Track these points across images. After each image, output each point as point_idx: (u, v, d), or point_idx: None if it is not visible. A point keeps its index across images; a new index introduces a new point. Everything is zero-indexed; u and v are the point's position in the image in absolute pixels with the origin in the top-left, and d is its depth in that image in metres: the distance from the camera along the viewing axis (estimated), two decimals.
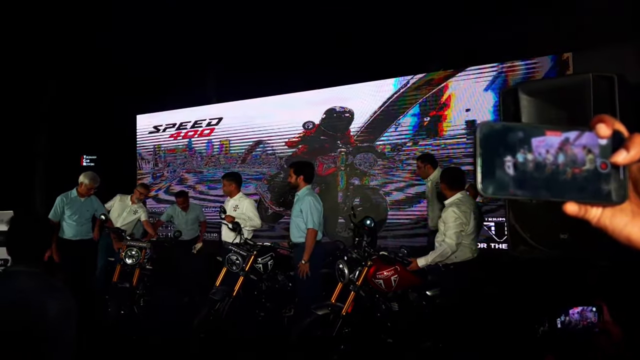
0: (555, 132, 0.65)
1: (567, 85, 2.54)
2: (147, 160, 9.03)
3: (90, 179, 5.95)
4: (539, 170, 0.64)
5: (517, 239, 2.59)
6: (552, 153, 0.64)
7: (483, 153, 0.64)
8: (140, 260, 5.52)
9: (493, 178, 0.64)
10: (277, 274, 5.58)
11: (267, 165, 7.75)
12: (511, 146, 0.64)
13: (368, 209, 6.53)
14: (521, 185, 0.65)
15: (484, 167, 0.64)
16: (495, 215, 6.02)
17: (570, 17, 6.28)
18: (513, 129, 0.65)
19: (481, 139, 0.65)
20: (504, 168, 0.64)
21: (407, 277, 4.24)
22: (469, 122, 6.26)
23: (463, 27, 6.70)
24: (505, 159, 0.64)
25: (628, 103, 2.25)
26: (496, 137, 0.65)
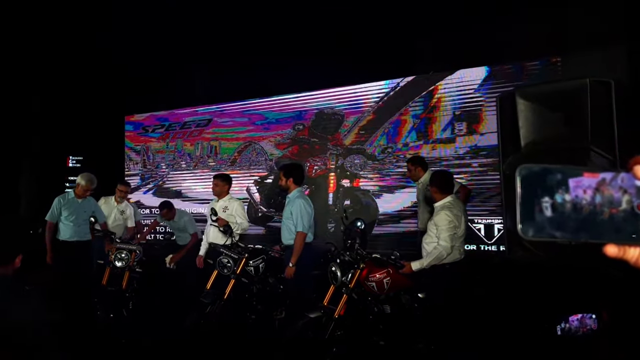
0: (592, 173, 0.66)
1: (564, 89, 2.57)
2: (136, 161, 8.95)
3: (87, 181, 5.92)
4: (576, 211, 0.65)
5: (515, 243, 2.62)
6: (589, 194, 0.65)
7: (522, 195, 0.65)
8: (130, 263, 5.47)
9: (532, 220, 0.65)
10: (268, 276, 5.56)
11: (257, 167, 7.73)
12: (549, 188, 0.65)
13: (358, 211, 6.54)
14: (560, 227, 0.66)
15: (523, 209, 0.65)
16: (484, 217, 6.07)
17: (560, 20, 6.35)
18: (551, 171, 0.66)
19: (521, 181, 0.66)
20: (542, 210, 0.65)
21: (399, 280, 4.26)
22: (458, 124, 6.29)
23: (453, 30, 6.74)
24: (543, 199, 0.65)
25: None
26: (535, 179, 0.66)
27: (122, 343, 5.20)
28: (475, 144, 6.17)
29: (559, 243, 2.48)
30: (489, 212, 6.04)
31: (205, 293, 5.00)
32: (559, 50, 6.11)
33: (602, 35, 6.65)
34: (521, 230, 0.66)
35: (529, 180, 0.66)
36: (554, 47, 6.28)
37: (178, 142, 8.50)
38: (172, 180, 8.55)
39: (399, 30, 6.98)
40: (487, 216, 6.04)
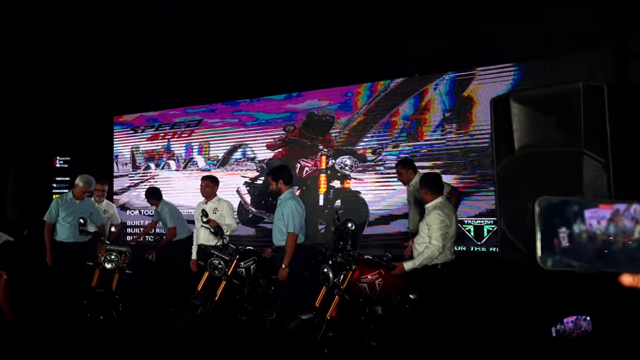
0: (607, 205, 0.68)
1: (557, 94, 2.61)
2: (125, 162, 8.89)
3: (85, 182, 5.89)
4: (591, 241, 0.67)
5: (508, 245, 2.65)
6: (603, 224, 0.67)
7: (542, 226, 0.67)
8: (119, 265, 5.43)
9: (551, 250, 0.67)
10: (259, 277, 5.55)
11: (248, 168, 7.71)
12: (567, 219, 0.67)
13: (349, 212, 6.54)
14: (577, 257, 0.68)
15: (543, 239, 0.67)
16: (473, 218, 6.11)
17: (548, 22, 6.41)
18: (569, 203, 0.68)
19: (539, 213, 0.68)
20: (560, 240, 0.67)
21: (390, 281, 4.27)
22: (448, 125, 6.33)
23: (442, 32, 6.78)
24: (560, 230, 0.67)
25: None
26: (553, 210, 0.67)
27: (112, 345, 5.17)
28: (464, 145, 6.21)
29: None
30: (479, 213, 6.08)
31: (196, 294, 4.99)
32: (547, 52, 6.16)
33: (590, 37, 6.72)
34: (540, 260, 0.68)
35: (548, 212, 0.68)
36: (542, 49, 6.33)
37: (167, 143, 8.46)
38: (162, 181, 8.50)
39: (390, 32, 7.01)
40: (477, 217, 6.08)
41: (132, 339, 5.28)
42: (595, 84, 2.42)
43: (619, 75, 6.74)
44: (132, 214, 8.72)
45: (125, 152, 8.90)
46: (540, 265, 0.69)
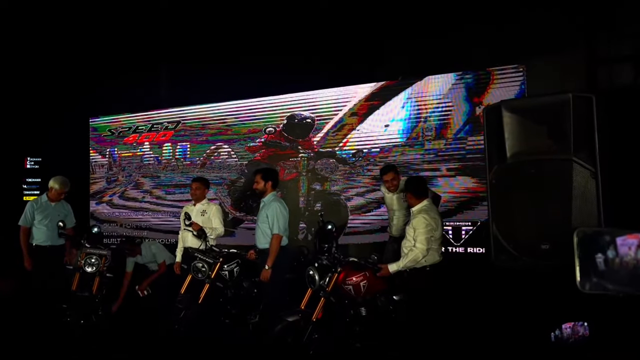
0: (634, 234, 0.76)
1: (548, 103, 2.72)
2: (101, 164, 8.77)
3: (60, 183, 5.81)
4: (623, 266, 0.75)
5: (499, 248, 2.74)
6: (633, 250, 0.75)
7: (580, 255, 0.75)
8: (100, 268, 5.38)
9: (589, 275, 0.75)
10: (242, 280, 5.57)
11: (228, 170, 7.70)
12: (601, 246, 0.75)
13: (330, 214, 6.59)
14: (611, 280, 0.75)
15: (581, 266, 0.75)
16: (452, 220, 6.23)
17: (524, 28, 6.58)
18: (602, 233, 0.76)
19: (578, 242, 0.76)
20: (596, 266, 0.75)
21: (375, 283, 4.35)
22: (427, 129, 6.44)
23: (421, 37, 6.90)
24: (597, 256, 0.75)
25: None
26: (589, 240, 0.75)
27: (93, 349, 5.11)
28: (443, 149, 6.34)
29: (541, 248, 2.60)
30: (457, 215, 6.20)
31: (179, 298, 4.98)
32: (524, 58, 6.33)
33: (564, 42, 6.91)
34: (579, 284, 0.76)
35: (585, 242, 0.76)
36: (519, 55, 6.50)
37: (145, 145, 8.38)
38: (140, 183, 8.42)
39: (371, 36, 7.10)
40: (455, 219, 6.21)
41: (111, 344, 5.24)
42: (584, 95, 2.54)
43: (589, 82, 6.97)
44: (109, 216, 8.61)
45: (102, 154, 8.78)
46: (580, 289, 0.76)
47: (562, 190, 2.62)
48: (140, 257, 6.35)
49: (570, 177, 2.58)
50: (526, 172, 2.76)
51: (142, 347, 4.94)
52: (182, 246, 5.62)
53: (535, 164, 2.74)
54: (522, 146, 2.77)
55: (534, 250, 2.67)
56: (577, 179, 2.57)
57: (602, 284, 0.68)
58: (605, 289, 0.67)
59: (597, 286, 0.68)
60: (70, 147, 9.43)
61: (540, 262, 2.68)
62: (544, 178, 2.71)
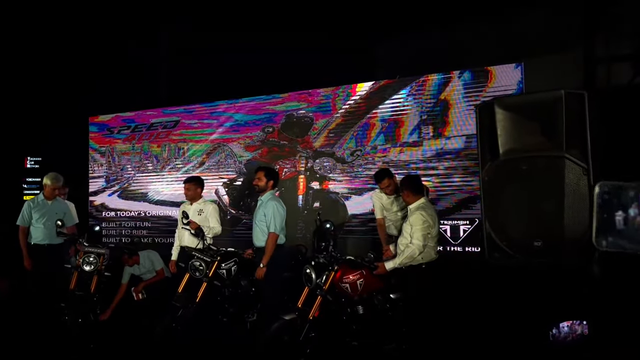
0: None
1: (540, 100, 2.72)
2: (100, 163, 8.78)
3: (52, 179, 5.79)
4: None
5: (493, 246, 2.75)
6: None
7: (599, 209, 0.72)
8: (98, 267, 5.39)
9: (606, 233, 0.72)
10: (240, 279, 5.57)
11: (226, 169, 7.70)
12: (623, 203, 0.72)
13: (328, 213, 6.61)
14: (630, 239, 0.72)
15: (599, 222, 0.72)
16: (450, 218, 6.24)
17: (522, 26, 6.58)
18: (625, 188, 0.73)
19: (598, 195, 0.72)
20: (615, 223, 0.72)
21: (372, 281, 4.36)
22: (424, 127, 6.45)
23: (419, 35, 6.91)
24: (617, 213, 0.72)
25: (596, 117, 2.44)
26: (611, 194, 0.72)
27: (91, 348, 5.13)
28: (441, 148, 6.34)
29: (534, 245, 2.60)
30: (454, 214, 6.21)
31: (177, 296, 4.98)
32: (521, 55, 6.34)
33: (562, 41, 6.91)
34: (595, 241, 0.73)
35: (606, 196, 0.72)
36: (516, 53, 6.50)
37: (144, 144, 8.39)
38: (139, 182, 8.43)
39: (368, 34, 7.11)
40: (453, 218, 6.22)
41: (110, 343, 5.26)
42: (576, 91, 2.55)
43: (587, 81, 6.98)
44: (108, 215, 8.62)
45: (101, 153, 8.79)
46: (595, 247, 0.73)
47: (555, 187, 2.63)
48: (137, 268, 6.37)
49: (563, 174, 2.58)
50: (519, 169, 2.77)
51: (139, 345, 4.94)
52: (179, 244, 5.63)
53: (527, 160, 2.74)
54: (514, 143, 2.78)
55: (527, 248, 2.68)
56: (569, 175, 2.57)
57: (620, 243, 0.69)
58: (623, 247, 0.68)
59: (615, 244, 0.69)
60: (69, 146, 9.44)
61: (533, 260, 2.68)
62: (536, 175, 2.71)
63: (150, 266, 6.41)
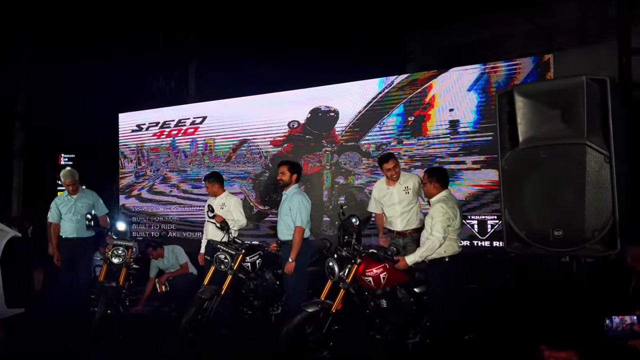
0: None
1: (561, 87, 2.65)
2: (130, 159, 8.94)
3: (64, 175, 5.92)
4: None
5: (512, 236, 2.68)
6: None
7: None
8: (126, 260, 5.49)
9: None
10: (264, 272, 5.61)
11: (252, 164, 7.75)
12: None
13: (353, 208, 6.59)
14: None
15: None
16: (477, 213, 6.14)
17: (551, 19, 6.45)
18: None
19: None
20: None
21: (395, 275, 4.32)
22: (452, 121, 6.36)
23: (446, 28, 6.82)
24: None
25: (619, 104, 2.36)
26: None
27: (119, 339, 5.23)
28: (468, 142, 6.24)
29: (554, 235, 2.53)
30: (482, 209, 6.11)
31: (202, 289, 5.04)
32: (550, 49, 6.20)
33: (592, 34, 6.74)
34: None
35: None
36: (545, 46, 6.36)
37: (173, 140, 8.51)
38: (167, 177, 8.55)
39: (395, 28, 7.06)
40: (480, 213, 6.12)
41: (138, 334, 5.36)
42: (598, 77, 2.47)
43: (621, 72, 6.78)
44: (138, 210, 8.78)
45: (131, 149, 8.94)
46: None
47: (575, 175, 2.54)
48: (162, 261, 6.47)
49: (584, 161, 2.50)
50: (539, 157, 2.68)
51: (165, 336, 5.02)
52: (207, 238, 5.70)
53: (548, 148, 2.66)
54: (534, 131, 2.69)
55: (547, 237, 2.60)
56: (590, 163, 2.49)
57: None
58: None
59: None
60: (101, 142, 9.67)
61: (552, 250, 2.61)
62: (556, 163, 2.62)
63: (175, 260, 6.51)
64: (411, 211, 5.00)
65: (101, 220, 5.91)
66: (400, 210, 5.03)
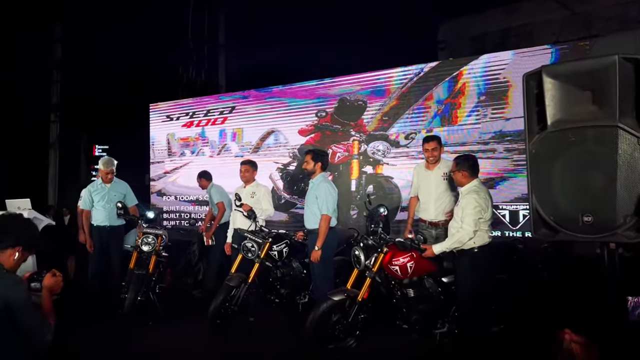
0: None
1: (592, 67, 2.52)
2: (161, 149, 9.06)
3: (102, 164, 6.00)
4: None
5: (540, 222, 2.59)
6: None
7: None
8: (156, 248, 5.56)
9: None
10: (291, 261, 5.61)
11: (280, 154, 7.75)
12: None
13: (381, 197, 6.52)
14: None
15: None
16: (509, 204, 6.01)
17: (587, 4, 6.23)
18: None
19: None
20: None
21: (423, 264, 4.25)
22: (483, 108, 6.23)
23: (479, 15, 6.66)
24: None
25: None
26: None
27: (149, 325, 5.31)
28: (500, 130, 6.10)
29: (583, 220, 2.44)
30: (514, 198, 5.97)
31: (230, 276, 5.07)
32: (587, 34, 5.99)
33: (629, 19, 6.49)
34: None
35: None
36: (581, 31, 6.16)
37: (202, 130, 8.58)
38: (197, 167, 8.63)
39: (426, 16, 6.93)
40: (512, 202, 5.98)
41: (167, 321, 5.43)
42: (631, 56, 2.35)
43: None
44: (168, 200, 8.90)
45: (161, 140, 9.06)
46: None
47: (607, 159, 2.42)
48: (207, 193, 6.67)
49: (616, 144, 2.37)
50: (568, 141, 2.56)
51: (193, 324, 5.07)
52: (233, 227, 5.72)
53: (577, 131, 2.54)
54: (564, 113, 2.57)
55: (576, 223, 2.50)
56: (622, 146, 2.36)
57: None
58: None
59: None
60: (132, 133, 9.83)
61: (581, 236, 2.50)
62: (587, 146, 2.49)
63: (210, 196, 6.61)
64: (446, 199, 4.86)
65: (131, 210, 5.99)
66: (435, 195, 4.90)
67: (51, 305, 2.46)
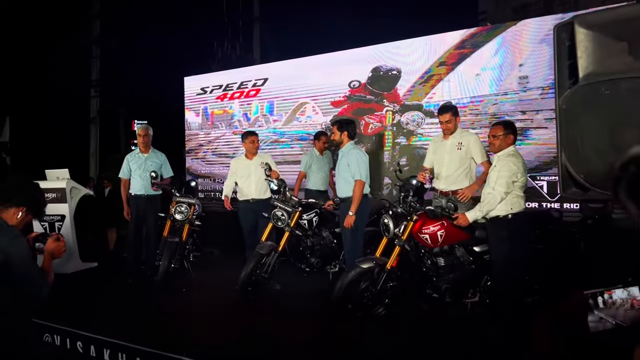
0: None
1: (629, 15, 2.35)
2: (195, 122, 9.13)
3: (139, 129, 6.14)
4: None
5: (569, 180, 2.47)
6: None
7: None
8: (189, 217, 5.63)
9: None
10: (322, 230, 5.60)
11: (312, 126, 7.70)
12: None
13: (415, 169, 6.40)
14: None
15: None
16: (546, 174, 5.81)
17: None
18: None
19: None
20: None
21: (454, 233, 4.17)
22: (521, 77, 6.00)
23: None
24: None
25: None
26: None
27: (183, 292, 5.42)
28: (538, 98, 5.87)
29: None
30: (553, 169, 5.77)
31: (261, 245, 5.10)
32: None
33: None
34: None
35: None
36: None
37: (235, 102, 8.60)
38: (230, 139, 8.68)
39: None
40: (550, 174, 5.78)
41: (200, 288, 5.53)
42: None
43: None
44: (203, 172, 9.01)
45: (196, 113, 9.13)
46: None
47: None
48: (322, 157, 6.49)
49: None
50: (600, 94, 2.39)
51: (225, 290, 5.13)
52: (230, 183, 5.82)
53: (610, 84, 2.37)
54: (597, 66, 2.40)
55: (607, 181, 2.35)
56: None
57: None
58: None
59: None
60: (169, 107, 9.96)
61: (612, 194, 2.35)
62: (621, 99, 2.33)
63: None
64: (459, 169, 4.70)
65: (165, 182, 6.07)
66: (447, 163, 4.78)
67: (51, 266, 2.51)
